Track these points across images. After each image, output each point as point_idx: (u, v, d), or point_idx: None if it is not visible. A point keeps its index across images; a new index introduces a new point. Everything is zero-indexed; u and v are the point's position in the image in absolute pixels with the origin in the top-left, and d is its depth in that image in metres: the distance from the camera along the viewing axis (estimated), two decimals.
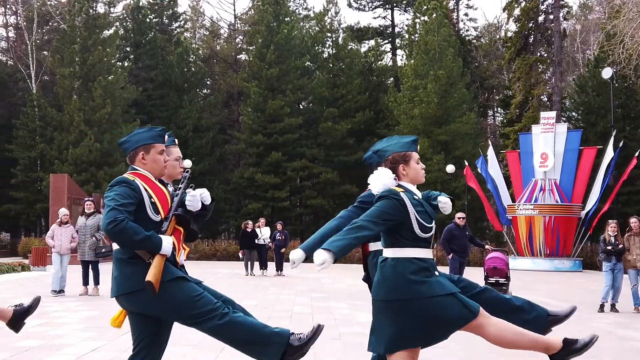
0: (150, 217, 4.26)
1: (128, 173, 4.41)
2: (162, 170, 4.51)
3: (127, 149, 4.50)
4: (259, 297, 15.48)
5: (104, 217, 4.09)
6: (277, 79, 43.34)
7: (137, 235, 4.05)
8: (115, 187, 4.22)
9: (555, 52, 46.13)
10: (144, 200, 4.26)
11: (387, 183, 4.42)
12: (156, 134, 4.54)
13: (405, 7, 57.54)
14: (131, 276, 4.17)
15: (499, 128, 54.01)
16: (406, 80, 42.17)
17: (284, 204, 42.11)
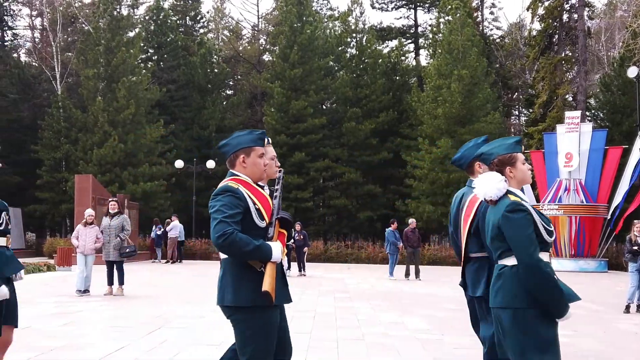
0: (257, 224, 4.20)
1: (230, 180, 4.34)
2: (262, 174, 4.46)
3: (227, 152, 4.47)
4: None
5: (212, 230, 4.03)
6: (301, 79, 43.35)
7: (248, 247, 4.00)
8: (220, 197, 4.18)
9: (580, 51, 45.74)
10: (250, 208, 4.20)
11: (500, 187, 4.35)
12: (257, 137, 4.51)
13: (429, 6, 57.35)
14: (242, 288, 4.12)
15: (523, 128, 53.65)
16: (429, 80, 42.03)
17: (307, 204, 42.10)
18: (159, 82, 46.06)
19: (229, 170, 4.45)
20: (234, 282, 4.13)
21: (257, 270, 4.09)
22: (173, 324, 10.52)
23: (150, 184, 39.07)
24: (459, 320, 11.72)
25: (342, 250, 37.49)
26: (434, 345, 8.97)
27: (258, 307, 4.07)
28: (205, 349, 8.36)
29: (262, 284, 4.02)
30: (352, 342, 9.15)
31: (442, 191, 39.15)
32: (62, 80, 48.32)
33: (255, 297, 4.06)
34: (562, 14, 47.70)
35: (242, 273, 4.12)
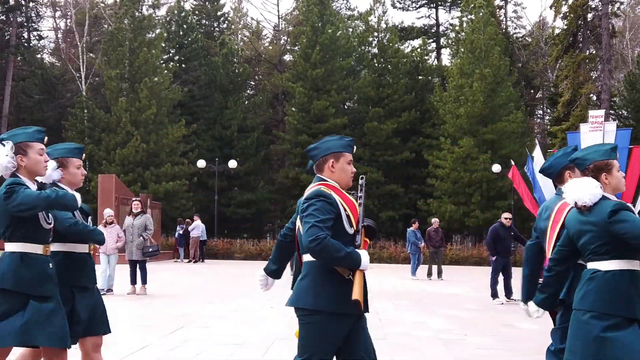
0: (346, 231, 4.16)
1: (321, 185, 4.27)
2: (348, 181, 4.40)
3: (316, 156, 4.39)
4: None
5: (304, 234, 4.01)
6: (322, 79, 43.35)
7: (339, 253, 3.96)
8: (314, 201, 4.12)
9: (604, 50, 45.35)
10: (341, 214, 4.15)
11: (596, 193, 4.32)
12: (347, 144, 4.45)
13: (450, 6, 57.14)
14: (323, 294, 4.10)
15: (546, 127, 53.31)
16: (452, 79, 41.86)
17: None
18: (181, 82, 46.24)
19: (316, 174, 4.39)
20: (316, 286, 4.12)
21: (342, 277, 4.08)
22: (196, 324, 10.55)
23: (172, 183, 39.24)
24: (482, 320, 11.68)
25: None
26: (456, 345, 8.94)
27: (335, 313, 4.07)
28: (227, 348, 8.38)
29: (343, 291, 4.03)
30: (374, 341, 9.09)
31: (464, 191, 38.99)
32: (87, 81, 48.69)
33: (335, 304, 4.06)
34: (586, 12, 47.29)
35: (326, 278, 4.10)
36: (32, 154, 4.56)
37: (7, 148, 4.49)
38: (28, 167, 4.56)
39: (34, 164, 4.57)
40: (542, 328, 10.93)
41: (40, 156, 4.60)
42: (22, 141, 4.56)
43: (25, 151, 4.55)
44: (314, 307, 4.09)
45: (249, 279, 21.15)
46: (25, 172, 4.55)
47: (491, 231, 15.44)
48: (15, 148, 4.52)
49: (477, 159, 38.77)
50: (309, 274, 4.17)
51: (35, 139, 4.62)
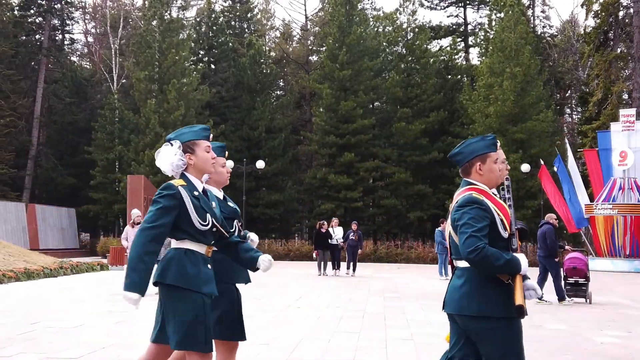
0: (501, 235, 4.13)
1: (471, 190, 4.24)
2: (497, 180, 4.36)
3: (461, 161, 4.36)
4: (331, 296, 15.45)
5: (462, 244, 3.99)
6: (350, 79, 43.31)
7: (498, 261, 3.94)
8: (467, 209, 4.09)
9: (636, 48, 44.81)
10: (495, 219, 4.12)
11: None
12: (490, 143, 4.40)
13: (478, 4, 56.85)
14: (486, 300, 4.08)
15: (577, 126, 52.81)
16: (481, 78, 41.61)
17: (357, 204, 42.05)
18: (209, 84, 46.46)
19: (463, 179, 4.36)
20: (479, 292, 4.09)
21: (502, 282, 4.06)
22: None
23: None
24: None
25: (391, 250, 37.36)
26: None
27: (504, 318, 4.06)
28: (254, 348, 8.38)
29: (505, 295, 4.02)
30: (401, 342, 9.09)
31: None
32: (118, 83, 49.12)
33: (501, 309, 4.04)
34: (618, 10, 46.78)
35: (488, 283, 4.08)
36: (199, 152, 4.55)
37: (176, 147, 4.51)
38: (197, 166, 4.56)
39: (202, 162, 4.56)
40: (569, 328, 10.83)
41: (208, 153, 4.60)
42: (190, 140, 4.56)
43: (193, 149, 4.54)
44: (482, 313, 4.06)
45: (276, 279, 21.20)
46: (194, 171, 4.55)
47: (552, 232, 15.14)
48: (183, 147, 4.52)
49: (507, 159, 38.31)
50: (468, 279, 4.13)
51: (202, 137, 4.60)
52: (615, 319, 12.39)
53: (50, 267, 21.64)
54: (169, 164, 4.49)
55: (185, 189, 4.39)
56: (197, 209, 4.38)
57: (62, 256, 29.82)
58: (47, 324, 10.26)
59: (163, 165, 4.52)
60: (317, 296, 15.48)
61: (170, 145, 4.51)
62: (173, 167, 4.49)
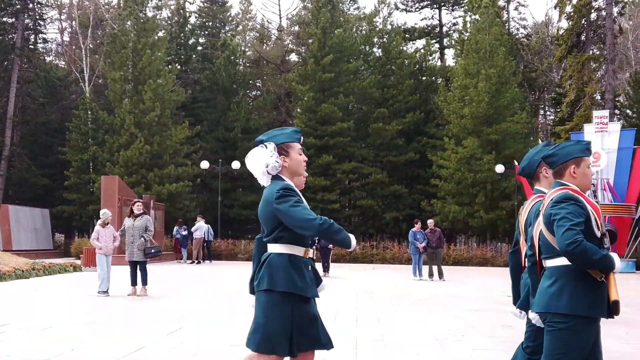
0: (595, 234, 4.23)
1: (566, 188, 4.36)
2: (589, 185, 4.50)
3: (556, 162, 4.48)
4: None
5: (560, 237, 4.06)
6: (330, 81, 43.27)
7: (595, 255, 4.02)
8: (565, 205, 4.20)
9: (608, 50, 45.25)
10: (590, 217, 4.22)
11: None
12: (585, 147, 4.51)
13: (452, 6, 57.12)
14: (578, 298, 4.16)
15: (551, 127, 53.23)
16: (456, 79, 41.80)
17: (334, 205, 42.08)
18: (184, 84, 46.27)
19: (555, 180, 4.50)
20: (571, 290, 4.16)
21: (595, 280, 4.14)
22: (194, 325, 10.55)
23: (176, 185, 39.28)
24: (480, 321, 11.66)
25: (367, 250, 37.44)
26: (453, 346, 8.92)
27: (591, 318, 4.15)
28: (225, 349, 8.38)
29: (596, 294, 4.13)
30: (371, 342, 9.12)
31: (468, 191, 38.94)
32: (91, 83, 48.79)
33: (591, 308, 4.14)
34: (591, 12, 47.20)
35: (581, 282, 4.15)
36: (293, 155, 4.61)
37: (271, 148, 4.55)
38: (290, 168, 4.61)
39: (295, 164, 4.62)
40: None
41: (300, 156, 4.64)
42: (284, 142, 4.61)
43: (287, 152, 4.59)
44: (569, 312, 4.13)
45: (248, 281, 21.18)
46: (287, 173, 4.60)
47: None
48: (277, 149, 4.56)
49: (482, 160, 38.71)
50: (560, 278, 4.21)
51: (294, 139, 4.65)
52: None
53: (22, 269, 21.44)
54: (264, 165, 4.51)
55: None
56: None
57: (35, 257, 29.58)
58: (17, 325, 10.19)
59: (257, 166, 4.56)
60: None
61: (265, 147, 4.55)
62: (270, 168, 4.52)
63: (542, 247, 4.35)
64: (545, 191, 4.93)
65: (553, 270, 4.24)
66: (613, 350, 9.02)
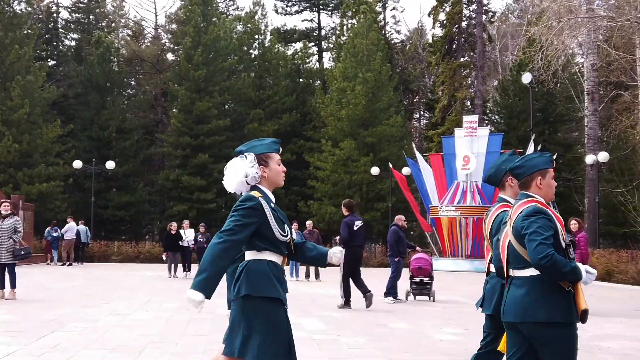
0: (561, 245, 4.35)
1: (533, 201, 4.45)
2: (552, 195, 4.60)
3: (522, 174, 4.57)
4: (181, 299, 15.29)
5: (533, 251, 4.18)
6: (205, 80, 42.97)
7: (565, 267, 4.18)
8: (534, 219, 4.30)
9: (478, 57, 47.03)
10: (558, 230, 4.35)
11: None
12: (549, 159, 4.62)
13: (332, 10, 57.86)
14: (553, 307, 4.29)
15: (424, 131, 54.77)
16: (334, 82, 42.37)
17: (210, 205, 41.79)
18: (56, 82, 44.82)
19: (521, 192, 4.59)
20: (545, 299, 4.30)
21: (564, 289, 4.29)
22: (66, 328, 10.26)
23: (46, 184, 38.03)
24: (356, 321, 11.87)
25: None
26: (329, 346, 9.05)
27: (568, 323, 4.30)
28: (98, 352, 8.20)
29: (568, 302, 4.28)
30: None
31: (344, 192, 39.51)
32: None
33: (567, 314, 4.28)
34: (462, 20, 48.91)
35: (552, 291, 4.30)
36: (273, 165, 4.59)
37: (250, 159, 4.51)
38: (269, 178, 4.59)
39: (275, 175, 4.60)
40: (411, 327, 11.24)
41: (279, 166, 4.63)
42: (263, 152, 4.58)
43: (266, 162, 4.57)
44: (549, 320, 4.27)
45: (125, 282, 20.78)
46: (266, 183, 4.58)
47: (394, 233, 15.66)
48: (257, 159, 4.53)
49: (358, 162, 39.38)
50: (532, 288, 4.35)
51: (274, 150, 4.63)
52: (455, 316, 12.96)
53: None
54: (243, 175, 4.51)
55: (263, 200, 4.45)
56: (276, 220, 4.46)
57: None
58: None
59: (235, 177, 4.55)
60: (166, 299, 15.29)
61: (245, 157, 4.53)
62: (249, 178, 4.51)
63: (510, 257, 4.50)
64: (509, 200, 5.15)
65: (525, 280, 4.40)
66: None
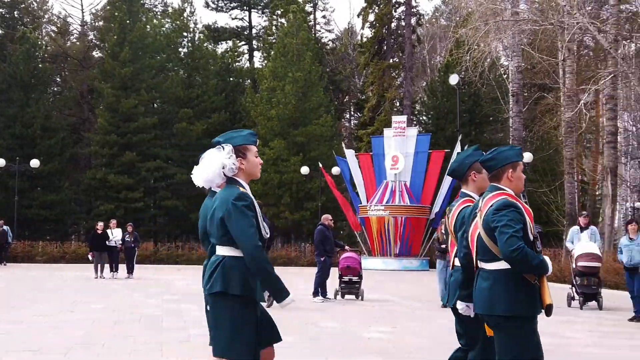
0: (529, 238, 4.40)
1: (503, 194, 4.51)
2: (522, 187, 4.68)
3: (494, 167, 4.62)
4: (108, 300, 15.08)
5: (504, 244, 4.24)
6: (131, 77, 42.37)
7: (534, 260, 4.27)
8: (505, 212, 4.36)
9: (407, 58, 47.57)
10: (526, 223, 4.41)
11: None
12: (519, 152, 4.72)
13: (263, 9, 57.73)
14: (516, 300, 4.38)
15: (354, 131, 55.12)
16: (264, 81, 42.30)
17: (138, 204, 41.25)
18: None
19: (491, 184, 4.65)
20: (509, 292, 4.38)
21: (530, 283, 4.37)
22: None
23: None
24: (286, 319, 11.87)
25: (172, 251, 37.03)
26: None
27: (529, 317, 4.40)
28: (22, 355, 8.02)
29: (533, 295, 4.37)
30: (178, 344, 9.07)
31: (274, 192, 39.51)
32: None
33: (530, 308, 4.38)
34: (391, 22, 49.38)
35: (518, 285, 4.37)
36: (250, 157, 4.57)
37: (228, 150, 4.46)
38: (247, 170, 4.55)
39: (252, 167, 4.59)
40: (341, 325, 11.32)
41: (257, 158, 4.62)
42: (241, 144, 4.55)
43: (244, 154, 4.55)
44: (511, 313, 4.36)
45: (50, 282, 20.34)
46: (243, 175, 4.54)
47: (320, 232, 15.70)
48: (235, 151, 4.48)
49: (288, 161, 39.41)
50: (497, 281, 4.43)
51: (251, 142, 4.62)
52: (383, 315, 13.10)
53: None
54: (220, 166, 4.46)
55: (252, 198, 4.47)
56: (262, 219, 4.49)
57: None
58: None
59: (211, 168, 4.51)
60: (93, 300, 15.04)
61: (222, 148, 4.50)
62: (227, 170, 4.47)
63: (478, 249, 4.58)
64: (472, 195, 5.18)
65: (490, 273, 4.48)
66: (408, 344, 9.50)
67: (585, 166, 42.87)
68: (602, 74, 28.68)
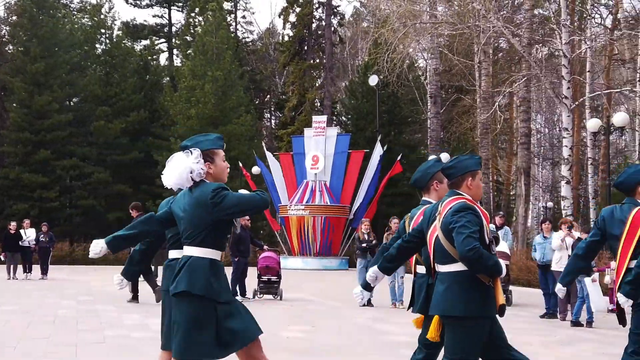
0: (485, 241, 4.55)
1: (462, 198, 4.65)
2: (480, 195, 4.86)
3: (454, 175, 4.78)
4: (21, 302, 14.71)
5: (460, 243, 4.36)
6: (44, 74, 41.28)
7: (490, 261, 4.40)
8: (463, 214, 4.49)
9: (327, 58, 47.87)
10: (483, 226, 4.55)
11: None
12: (479, 161, 4.88)
13: (183, 6, 57.14)
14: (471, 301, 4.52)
15: (274, 130, 55.14)
16: (183, 80, 41.86)
17: (53, 204, 40.29)
18: None
19: (450, 189, 4.81)
20: (465, 293, 4.52)
21: (484, 284, 4.51)
22: None
23: None
24: None
25: (88, 252, 36.27)
26: None
27: (484, 317, 4.55)
28: None
29: (486, 296, 4.52)
30: (92, 345, 8.94)
31: None
32: None
33: (484, 308, 4.52)
34: (312, 22, 49.58)
35: (472, 287, 4.51)
36: (218, 161, 4.58)
37: (196, 155, 4.42)
38: (214, 174, 4.53)
39: (220, 171, 4.59)
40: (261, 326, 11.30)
41: (224, 162, 4.65)
42: (209, 148, 4.52)
43: (212, 158, 4.54)
44: (466, 314, 4.49)
45: None
46: (211, 179, 4.50)
47: (234, 232, 15.67)
48: (202, 155, 4.45)
49: None
50: (453, 283, 4.57)
51: (219, 146, 4.62)
52: (302, 314, 13.17)
53: None
54: (188, 171, 4.43)
55: None
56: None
57: None
58: None
59: (178, 172, 4.46)
60: (4, 302, 14.65)
61: (190, 153, 4.47)
62: (194, 174, 4.44)
63: (436, 252, 4.71)
64: (433, 203, 5.28)
65: (447, 275, 4.62)
66: (326, 343, 9.58)
67: (499, 167, 44.00)
68: (516, 76, 29.52)
